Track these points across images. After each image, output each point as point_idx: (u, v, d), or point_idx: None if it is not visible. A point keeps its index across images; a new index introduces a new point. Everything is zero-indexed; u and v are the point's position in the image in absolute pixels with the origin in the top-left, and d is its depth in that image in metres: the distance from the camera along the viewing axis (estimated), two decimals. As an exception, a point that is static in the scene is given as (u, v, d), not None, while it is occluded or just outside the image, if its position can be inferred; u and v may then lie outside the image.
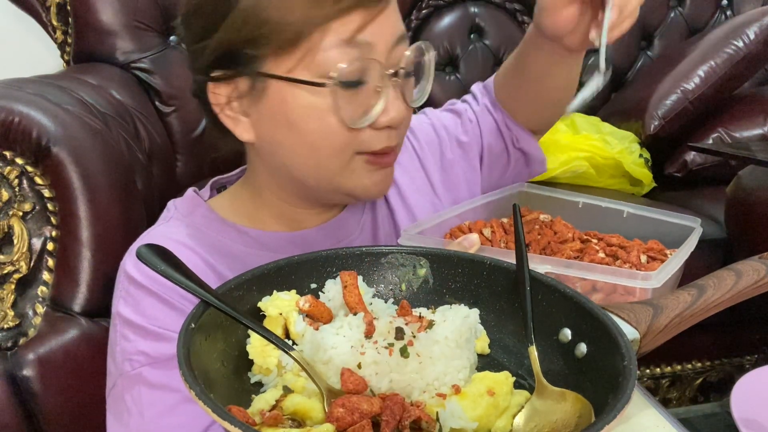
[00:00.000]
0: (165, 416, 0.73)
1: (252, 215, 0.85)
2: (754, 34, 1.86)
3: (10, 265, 1.02)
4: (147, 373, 0.74)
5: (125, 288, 0.78)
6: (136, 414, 0.74)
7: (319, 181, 0.78)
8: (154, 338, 0.75)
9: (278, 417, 0.47)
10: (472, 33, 2.12)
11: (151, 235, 0.83)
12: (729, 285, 0.62)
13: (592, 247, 0.81)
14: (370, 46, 0.71)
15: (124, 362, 0.76)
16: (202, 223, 0.83)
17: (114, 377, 0.78)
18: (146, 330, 0.75)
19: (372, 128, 0.74)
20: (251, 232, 0.84)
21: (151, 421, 0.73)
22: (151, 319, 0.75)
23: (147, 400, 0.73)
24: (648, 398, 0.63)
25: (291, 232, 0.86)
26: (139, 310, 0.76)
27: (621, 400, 0.44)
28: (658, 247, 0.82)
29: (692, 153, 1.87)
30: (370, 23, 0.70)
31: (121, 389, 0.76)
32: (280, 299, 0.59)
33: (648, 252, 0.81)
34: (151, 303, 0.76)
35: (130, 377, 0.75)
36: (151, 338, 0.75)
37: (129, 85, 1.61)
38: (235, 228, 0.84)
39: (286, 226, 0.86)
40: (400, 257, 0.65)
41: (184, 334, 0.49)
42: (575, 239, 0.84)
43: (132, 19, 1.66)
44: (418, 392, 0.51)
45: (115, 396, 0.77)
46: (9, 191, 1.02)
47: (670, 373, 1.75)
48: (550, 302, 0.58)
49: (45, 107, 1.06)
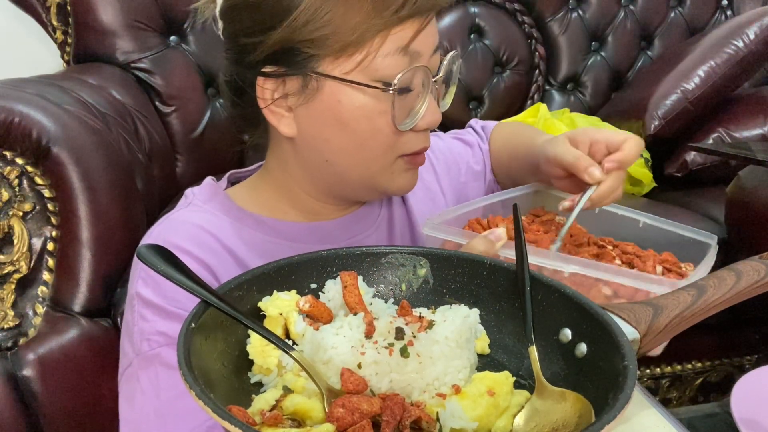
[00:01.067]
0: (181, 398, 0.71)
1: (272, 206, 0.87)
2: (754, 34, 1.86)
3: (10, 265, 1.02)
4: (165, 353, 0.73)
5: (144, 268, 0.78)
6: (151, 395, 0.73)
7: (361, 177, 0.81)
8: (174, 319, 0.74)
9: (278, 417, 0.47)
10: (472, 33, 2.12)
11: (171, 219, 0.83)
12: (729, 285, 0.62)
13: (608, 253, 0.81)
14: (419, 54, 0.75)
15: (142, 342, 0.75)
16: (221, 210, 0.84)
17: (129, 358, 0.77)
18: (166, 311, 0.75)
19: (413, 131, 0.78)
20: (269, 221, 0.85)
21: (167, 403, 0.72)
22: (172, 300, 0.75)
23: (164, 381, 0.73)
24: (648, 398, 0.63)
25: (309, 222, 0.87)
26: (159, 291, 0.76)
27: (621, 400, 0.44)
28: (672, 260, 0.81)
29: (692, 153, 1.87)
30: (421, 32, 0.75)
31: (136, 369, 0.75)
32: (280, 299, 0.59)
33: (663, 263, 0.80)
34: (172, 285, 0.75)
35: (147, 357, 0.74)
36: (172, 319, 0.74)
37: (129, 85, 1.61)
38: (254, 217, 0.85)
39: (305, 217, 0.87)
40: (400, 257, 0.65)
41: (184, 334, 0.49)
42: (591, 244, 0.84)
43: (132, 19, 1.66)
44: (418, 392, 0.51)
45: (128, 376, 0.76)
46: (9, 191, 1.02)
47: (670, 373, 1.75)
48: (550, 302, 0.58)
49: (45, 107, 1.06)
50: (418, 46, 0.75)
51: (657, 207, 1.69)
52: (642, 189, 1.92)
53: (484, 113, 2.12)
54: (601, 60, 2.24)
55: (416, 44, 0.75)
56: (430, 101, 0.78)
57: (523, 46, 2.16)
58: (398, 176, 0.82)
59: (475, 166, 1.07)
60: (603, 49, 2.25)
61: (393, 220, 0.95)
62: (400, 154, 0.80)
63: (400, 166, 0.81)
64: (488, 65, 2.12)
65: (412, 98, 0.77)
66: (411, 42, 0.74)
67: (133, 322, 0.77)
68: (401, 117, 0.77)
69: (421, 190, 0.97)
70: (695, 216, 1.68)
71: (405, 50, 0.74)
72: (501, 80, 2.14)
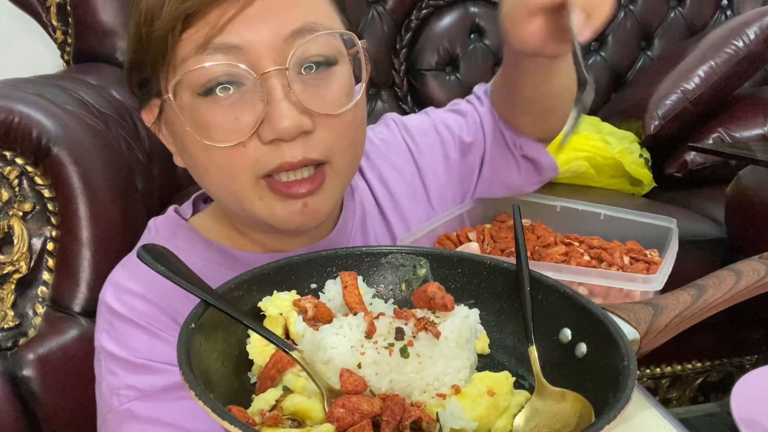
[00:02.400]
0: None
1: (233, 237, 0.80)
2: (754, 34, 1.86)
3: (10, 265, 1.02)
4: (136, 407, 0.70)
5: (107, 320, 0.75)
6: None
7: (234, 207, 0.71)
8: (141, 371, 0.71)
9: (278, 417, 0.47)
10: (472, 33, 2.12)
11: (132, 260, 0.78)
12: (729, 285, 0.62)
13: (576, 250, 0.81)
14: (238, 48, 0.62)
15: (112, 398, 0.72)
16: (185, 247, 0.77)
17: (103, 414, 0.74)
18: (132, 363, 0.71)
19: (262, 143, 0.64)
20: (236, 254, 0.78)
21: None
22: (136, 351, 0.72)
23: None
24: (648, 398, 0.63)
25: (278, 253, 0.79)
26: (122, 342, 0.72)
27: (621, 400, 0.44)
28: (637, 248, 0.83)
29: (692, 153, 1.87)
30: (232, 22, 0.62)
31: (111, 426, 0.72)
32: (280, 299, 0.59)
33: (629, 253, 0.81)
34: (135, 334, 0.72)
35: (119, 413, 0.71)
36: (139, 371, 0.71)
37: (129, 85, 1.60)
38: (220, 250, 0.78)
39: (264, 249, 0.79)
40: (400, 257, 0.65)
41: (184, 334, 0.49)
42: (558, 243, 0.85)
43: (132, 19, 1.66)
44: (418, 392, 0.51)
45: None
46: (9, 191, 1.02)
47: (670, 373, 1.75)
48: (550, 302, 0.58)
49: (45, 107, 1.06)
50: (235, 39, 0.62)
51: (657, 207, 1.69)
52: (642, 189, 1.92)
53: (484, 113, 2.12)
54: (601, 60, 2.24)
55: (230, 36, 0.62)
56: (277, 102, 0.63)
57: (523, 46, 2.16)
58: (273, 206, 0.67)
59: (466, 137, 0.93)
60: (603, 49, 2.24)
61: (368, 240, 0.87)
62: (259, 174, 0.66)
63: (265, 192, 0.67)
64: (488, 65, 2.12)
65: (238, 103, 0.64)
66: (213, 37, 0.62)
67: (102, 376, 0.74)
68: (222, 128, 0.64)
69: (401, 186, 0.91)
70: (695, 216, 1.68)
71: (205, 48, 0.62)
72: (501, 80, 2.14)
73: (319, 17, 0.66)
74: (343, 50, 0.69)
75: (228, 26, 0.62)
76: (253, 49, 0.62)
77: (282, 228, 0.70)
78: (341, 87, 0.68)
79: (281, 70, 0.63)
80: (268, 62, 0.63)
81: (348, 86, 0.69)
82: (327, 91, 0.66)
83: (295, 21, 0.64)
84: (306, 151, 0.65)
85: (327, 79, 0.66)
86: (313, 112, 0.65)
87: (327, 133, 0.66)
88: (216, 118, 0.64)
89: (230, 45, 0.62)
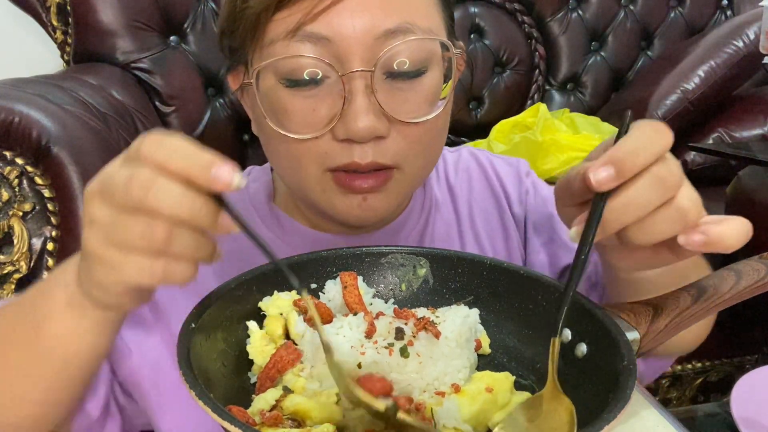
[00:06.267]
0: None
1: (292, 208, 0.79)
2: (754, 34, 1.86)
3: (10, 265, 1.02)
4: None
5: None
6: None
7: (297, 192, 0.71)
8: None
9: (278, 417, 0.47)
10: (472, 33, 2.12)
11: None
12: (729, 285, 0.62)
13: None
14: (328, 40, 0.60)
15: None
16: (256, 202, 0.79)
17: None
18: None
19: (334, 139, 0.63)
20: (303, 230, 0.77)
21: None
22: None
23: None
24: (648, 398, 0.63)
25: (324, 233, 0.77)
26: None
27: (621, 400, 0.44)
28: None
29: (692, 153, 1.88)
30: (326, 12, 0.60)
31: None
32: (280, 299, 0.59)
33: None
34: None
35: None
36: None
37: (129, 85, 1.61)
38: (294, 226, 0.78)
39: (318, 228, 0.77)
40: (400, 257, 0.65)
41: (184, 334, 0.49)
42: None
43: (132, 19, 1.66)
44: (418, 392, 0.51)
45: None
46: (9, 191, 1.02)
47: (670, 373, 1.75)
48: (550, 302, 0.58)
49: (45, 107, 1.06)
50: (324, 29, 0.60)
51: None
52: (642, 189, 1.91)
53: (484, 113, 2.13)
54: (601, 60, 2.24)
55: (320, 26, 0.60)
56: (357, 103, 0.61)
57: (523, 46, 2.16)
58: (333, 197, 0.66)
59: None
60: (603, 49, 2.25)
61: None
62: (327, 168, 0.65)
63: (329, 183, 0.66)
64: (488, 65, 2.12)
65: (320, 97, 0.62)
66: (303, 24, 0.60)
67: None
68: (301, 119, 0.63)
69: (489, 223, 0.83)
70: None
71: (295, 35, 0.60)
72: (501, 80, 2.14)
73: (418, 17, 0.63)
74: (436, 52, 0.66)
75: (321, 16, 0.60)
76: (343, 44, 0.60)
77: (340, 221, 0.69)
78: (426, 94, 0.65)
79: (367, 72, 0.61)
80: (355, 59, 0.61)
81: (433, 94, 0.66)
82: (410, 96, 0.64)
83: (391, 20, 0.61)
84: (376, 155, 0.64)
85: (412, 83, 0.64)
86: (391, 117, 0.63)
87: (401, 138, 0.64)
88: (295, 108, 0.63)
89: (320, 36, 0.60)
